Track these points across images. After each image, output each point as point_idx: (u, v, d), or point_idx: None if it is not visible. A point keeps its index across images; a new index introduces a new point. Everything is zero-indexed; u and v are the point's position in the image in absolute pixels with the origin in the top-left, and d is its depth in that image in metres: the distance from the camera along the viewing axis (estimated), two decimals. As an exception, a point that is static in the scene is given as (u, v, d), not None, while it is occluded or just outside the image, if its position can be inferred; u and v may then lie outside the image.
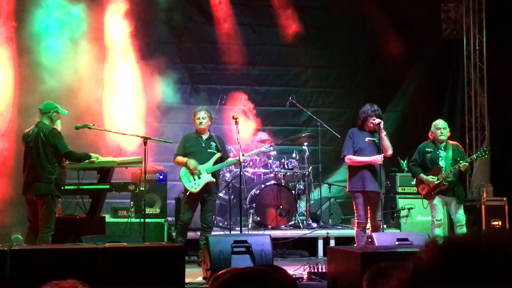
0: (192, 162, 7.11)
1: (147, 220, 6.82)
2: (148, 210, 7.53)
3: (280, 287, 1.60)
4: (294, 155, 9.03)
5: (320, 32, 10.45)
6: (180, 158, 7.22)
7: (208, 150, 7.25)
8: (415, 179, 7.45)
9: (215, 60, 10.03)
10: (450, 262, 1.10)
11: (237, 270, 1.68)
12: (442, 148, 7.24)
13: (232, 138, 8.71)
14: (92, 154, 6.74)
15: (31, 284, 1.85)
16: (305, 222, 8.90)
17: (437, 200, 7.15)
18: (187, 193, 7.16)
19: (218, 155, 7.25)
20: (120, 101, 9.20)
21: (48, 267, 4.30)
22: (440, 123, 7.29)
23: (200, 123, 7.26)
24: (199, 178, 7.12)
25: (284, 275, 1.71)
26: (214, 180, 7.18)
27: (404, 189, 9.08)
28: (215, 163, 7.23)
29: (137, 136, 7.19)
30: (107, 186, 6.99)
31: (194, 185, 7.10)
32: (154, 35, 9.74)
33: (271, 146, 8.11)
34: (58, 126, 6.45)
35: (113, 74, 9.27)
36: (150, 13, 9.72)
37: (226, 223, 8.38)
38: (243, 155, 7.31)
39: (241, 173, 7.17)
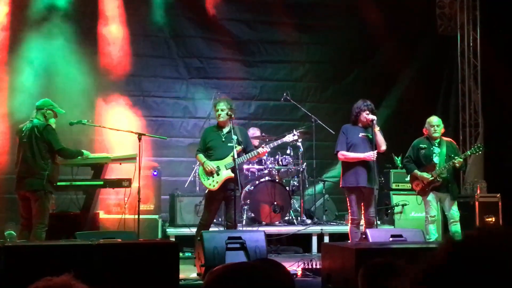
0: (208, 165, 6.81)
1: (141, 216, 6.81)
2: (142, 207, 7.51)
3: (274, 284, 1.59)
4: (288, 151, 9.03)
5: (316, 28, 10.44)
6: (200, 157, 6.92)
7: (229, 144, 6.86)
8: (409, 175, 7.47)
9: (211, 54, 10.01)
10: (462, 262, 1.06)
11: (231, 265, 1.66)
12: (436, 145, 7.25)
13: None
14: (84, 151, 6.73)
15: (25, 281, 1.84)
16: (299, 218, 8.91)
17: (431, 197, 7.16)
18: (206, 191, 6.96)
19: (238, 148, 6.86)
20: (115, 96, 9.17)
21: (41, 264, 4.28)
22: (434, 120, 7.28)
23: (219, 115, 6.91)
24: (218, 174, 6.81)
25: (280, 271, 1.69)
26: (233, 175, 6.82)
27: (398, 186, 9.10)
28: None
29: (132, 132, 7.15)
30: (101, 182, 6.97)
31: (213, 182, 6.81)
32: (149, 29, 9.71)
33: (294, 135, 7.46)
34: (53, 125, 6.42)
35: (108, 69, 9.25)
36: (145, 8, 9.70)
37: (220, 219, 8.37)
38: (262, 147, 7.10)
39: (236, 170, 7.13)
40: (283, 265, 1.70)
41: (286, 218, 8.78)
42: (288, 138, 7.46)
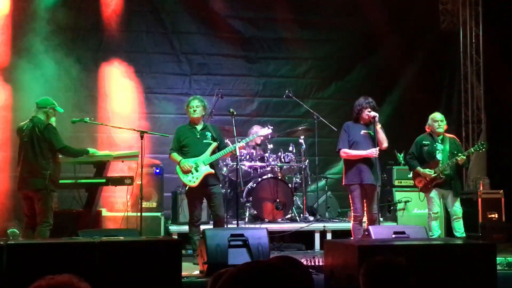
0: (185, 164, 6.84)
1: (143, 214, 6.82)
2: (145, 204, 7.52)
3: (293, 283, 1.55)
4: (291, 148, 9.01)
5: (319, 24, 10.41)
6: (175, 156, 6.95)
7: (204, 141, 6.97)
8: (412, 172, 7.46)
9: (214, 50, 10.00)
10: None
11: (249, 263, 1.61)
12: (439, 141, 7.24)
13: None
14: (90, 149, 6.72)
15: (27, 279, 1.84)
16: (301, 215, 8.89)
17: (433, 193, 7.15)
18: (186, 188, 6.98)
19: (214, 145, 6.97)
20: (117, 94, 9.16)
21: (44, 262, 4.29)
22: (437, 115, 7.29)
23: (194, 111, 6.98)
24: (197, 171, 6.84)
25: (298, 269, 1.65)
26: (213, 171, 6.89)
27: (401, 182, 9.09)
28: (212, 153, 6.95)
29: (134, 130, 7.15)
30: (103, 180, 6.97)
31: (192, 179, 6.85)
32: (151, 25, 9.71)
33: (268, 128, 7.60)
34: (53, 123, 6.40)
35: (110, 65, 9.24)
36: (147, 4, 9.70)
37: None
38: (239, 141, 7.17)
39: (238, 167, 7.14)
40: (301, 262, 1.66)
41: (289, 215, 8.77)
42: (263, 132, 7.62)
